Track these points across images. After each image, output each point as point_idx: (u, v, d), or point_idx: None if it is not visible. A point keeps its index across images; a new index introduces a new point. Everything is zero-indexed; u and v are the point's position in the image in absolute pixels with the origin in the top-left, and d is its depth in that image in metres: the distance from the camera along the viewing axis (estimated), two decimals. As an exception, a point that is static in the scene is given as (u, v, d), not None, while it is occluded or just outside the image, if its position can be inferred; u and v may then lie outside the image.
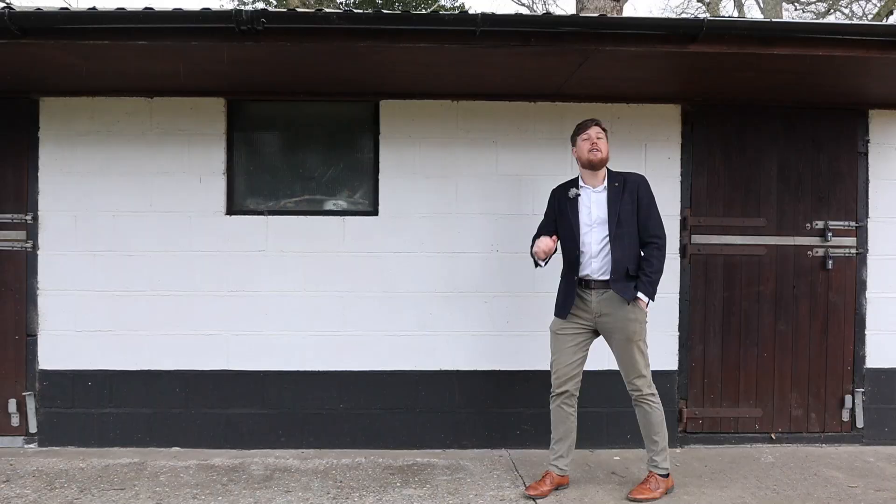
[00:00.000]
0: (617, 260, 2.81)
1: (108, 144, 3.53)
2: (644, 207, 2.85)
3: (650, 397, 2.89)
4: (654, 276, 2.81)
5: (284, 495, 2.95)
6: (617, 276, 2.81)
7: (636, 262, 2.85)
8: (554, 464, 2.99)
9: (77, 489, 3.00)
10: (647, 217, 2.85)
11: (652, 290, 2.82)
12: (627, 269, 2.81)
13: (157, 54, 2.81)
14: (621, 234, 2.81)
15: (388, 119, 3.55)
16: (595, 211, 2.87)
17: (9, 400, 3.53)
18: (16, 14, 2.51)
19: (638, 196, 2.85)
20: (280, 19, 2.52)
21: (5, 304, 3.54)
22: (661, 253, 2.84)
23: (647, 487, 2.89)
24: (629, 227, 2.83)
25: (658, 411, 2.90)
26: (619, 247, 2.81)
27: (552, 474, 2.98)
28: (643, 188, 2.87)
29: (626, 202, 2.83)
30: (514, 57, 2.84)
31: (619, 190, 2.85)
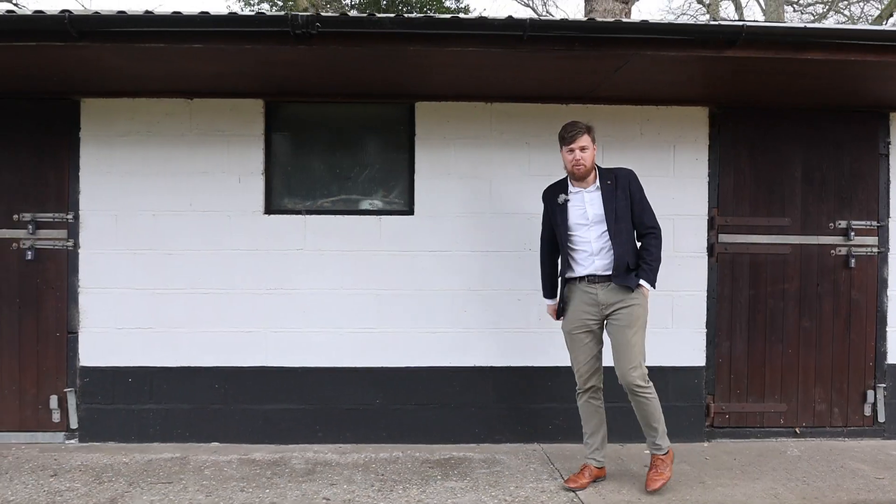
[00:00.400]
0: (619, 256, 2.88)
1: (149, 145, 3.59)
2: (637, 202, 2.92)
3: (646, 391, 2.91)
4: (654, 265, 2.91)
5: (330, 488, 3.02)
6: (618, 271, 2.88)
7: (635, 256, 2.93)
8: (591, 457, 3.08)
9: (125, 483, 3.07)
10: (642, 210, 2.92)
11: (653, 276, 2.91)
12: (628, 264, 2.89)
13: (209, 57, 2.87)
14: (620, 230, 2.88)
15: (423, 120, 3.62)
16: (591, 210, 2.92)
17: (50, 396, 3.59)
18: (76, 17, 2.57)
19: (630, 191, 2.91)
20: (334, 24, 2.59)
21: (47, 301, 3.59)
22: (658, 242, 2.93)
23: (659, 472, 2.96)
24: (625, 222, 2.90)
25: (654, 401, 2.94)
26: (619, 242, 2.88)
27: (590, 467, 3.06)
28: (634, 183, 2.93)
29: (620, 198, 2.89)
30: (555, 61, 2.92)
31: (612, 187, 2.91)
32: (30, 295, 3.59)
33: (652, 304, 3.64)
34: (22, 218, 3.57)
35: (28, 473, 3.17)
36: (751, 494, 2.97)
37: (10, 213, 3.58)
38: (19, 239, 3.58)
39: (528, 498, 2.92)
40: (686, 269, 3.67)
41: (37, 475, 3.14)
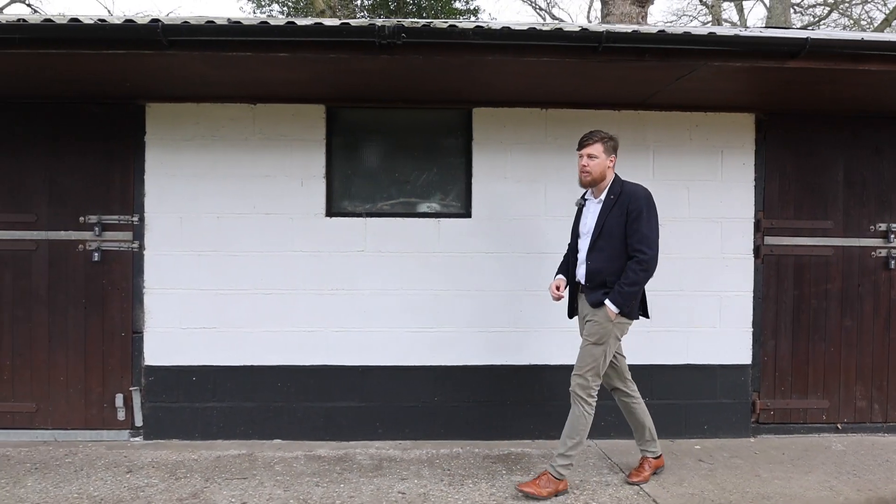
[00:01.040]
0: (592, 270, 2.90)
1: (213, 149, 3.67)
2: (632, 221, 2.84)
3: (581, 400, 2.92)
4: (626, 288, 2.80)
5: (401, 482, 3.12)
6: (592, 284, 2.91)
7: (617, 275, 2.86)
8: (643, 449, 3.21)
9: (201, 478, 3.15)
10: (632, 232, 2.84)
11: (622, 300, 2.81)
12: (605, 281, 2.88)
13: (290, 65, 2.96)
14: (602, 246, 2.89)
15: (480, 126, 3.73)
16: (588, 221, 2.99)
17: (116, 395, 3.66)
18: (168, 27, 2.65)
19: (627, 210, 2.85)
20: (419, 34, 2.69)
21: (112, 302, 3.67)
22: (640, 267, 2.81)
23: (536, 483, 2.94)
24: (613, 240, 2.87)
25: (584, 417, 2.91)
26: (598, 258, 2.90)
27: (649, 459, 3.18)
28: (634, 202, 2.85)
29: (614, 215, 2.87)
30: (622, 70, 3.03)
31: (611, 203, 2.90)
32: (95, 295, 3.66)
33: (700, 305, 3.79)
34: (88, 220, 3.65)
35: (103, 470, 3.24)
36: (807, 486, 3.10)
37: (77, 216, 3.65)
38: (85, 241, 3.65)
39: (596, 491, 3.03)
40: (733, 270, 3.79)
41: (112, 472, 3.22)
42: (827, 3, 16.64)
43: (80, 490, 2.99)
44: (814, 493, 3.03)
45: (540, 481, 2.95)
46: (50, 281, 3.65)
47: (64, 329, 3.66)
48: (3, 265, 3.64)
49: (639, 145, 3.77)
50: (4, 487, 3.01)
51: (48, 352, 3.66)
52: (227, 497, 2.93)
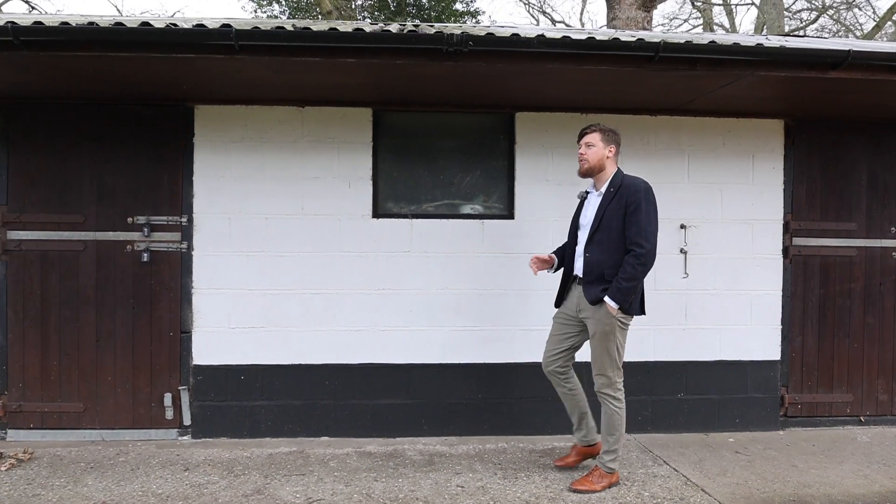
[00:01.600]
0: (589, 262, 2.92)
1: (261, 151, 3.72)
2: (630, 214, 2.84)
3: (609, 397, 2.97)
4: (624, 283, 2.79)
5: (457, 476, 3.21)
6: (590, 277, 2.92)
7: (616, 268, 2.86)
8: (575, 436, 3.27)
9: (260, 475, 3.21)
10: (630, 224, 2.84)
11: (621, 296, 2.81)
12: (604, 273, 2.88)
13: (353, 70, 3.03)
14: (600, 239, 2.89)
15: (523, 130, 3.83)
16: (588, 213, 3.01)
17: (164, 394, 3.69)
18: (242, 32, 2.71)
19: (626, 202, 2.85)
20: (485, 42, 2.78)
21: (160, 302, 3.70)
22: (637, 261, 2.80)
23: (590, 481, 3.01)
24: (611, 232, 2.87)
25: (616, 413, 2.96)
26: (596, 250, 2.90)
27: (577, 447, 3.26)
28: (633, 196, 2.85)
29: (612, 207, 2.88)
30: (669, 78, 3.16)
31: (611, 195, 2.91)
32: (143, 296, 3.69)
33: (732, 302, 3.94)
34: (136, 221, 3.67)
35: (159, 468, 3.28)
36: (843, 475, 3.26)
37: (125, 216, 3.68)
38: (133, 241, 3.68)
39: (645, 483, 3.15)
40: (763, 270, 3.95)
41: (169, 470, 3.26)
42: (813, 7, 17.11)
43: (142, 488, 3.03)
44: (850, 481, 3.19)
45: (592, 477, 3.04)
46: (98, 281, 3.67)
47: (112, 329, 3.69)
48: (51, 266, 3.66)
49: (674, 149, 3.91)
50: (66, 486, 3.04)
51: (95, 352, 3.68)
52: (291, 492, 2.99)
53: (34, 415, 3.67)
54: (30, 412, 3.67)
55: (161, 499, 2.91)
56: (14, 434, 3.67)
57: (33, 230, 3.65)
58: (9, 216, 3.64)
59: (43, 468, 3.26)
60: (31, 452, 3.43)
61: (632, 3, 9.66)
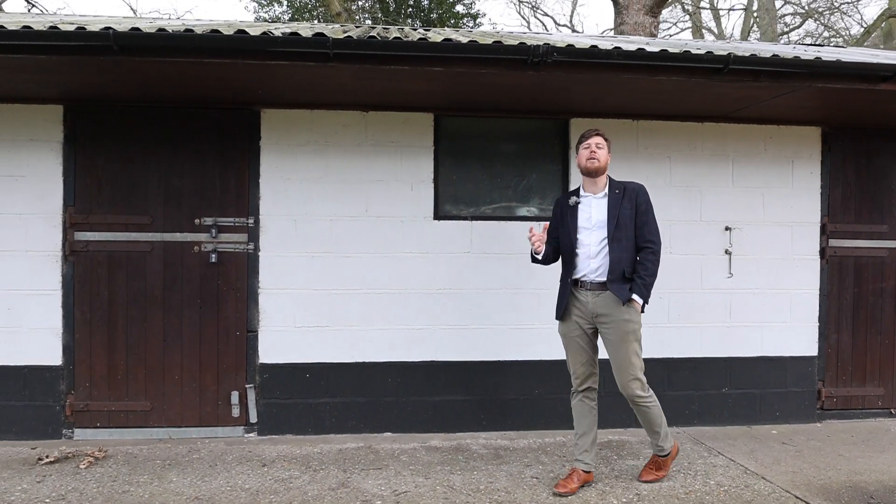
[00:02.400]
0: (614, 260, 2.93)
1: (326, 154, 3.81)
2: (641, 214, 2.96)
3: (646, 400, 2.98)
4: (648, 280, 2.91)
5: (527, 468, 3.35)
6: (614, 276, 2.93)
7: (632, 265, 2.96)
8: (579, 459, 3.08)
9: (338, 469, 3.30)
10: (644, 223, 2.95)
11: (646, 292, 2.92)
12: (624, 271, 2.93)
13: (432, 78, 3.15)
14: (619, 237, 2.94)
15: (577, 135, 3.96)
16: (595, 215, 3.00)
17: (231, 392, 3.76)
18: (338, 41, 2.81)
19: (636, 203, 2.96)
20: (568, 54, 2.92)
21: (227, 302, 3.77)
22: (655, 258, 2.94)
23: (656, 468, 3.16)
24: (627, 230, 2.95)
25: (655, 407, 3.02)
26: (617, 248, 2.93)
27: (578, 471, 3.05)
28: (641, 196, 2.98)
29: (625, 207, 2.96)
30: (732, 88, 3.33)
31: (619, 196, 2.98)
32: (210, 296, 3.75)
33: (773, 301, 4.14)
34: (204, 222, 3.74)
35: (237, 464, 3.36)
36: (889, 463, 3.47)
37: (192, 218, 3.74)
38: (201, 242, 3.74)
39: (708, 472, 3.32)
40: (802, 270, 4.15)
41: (247, 466, 3.34)
42: (798, 13, 17.62)
43: (228, 483, 3.10)
44: (896, 468, 3.41)
45: (652, 465, 3.18)
46: (165, 281, 3.73)
47: (179, 329, 3.74)
48: (118, 266, 3.70)
49: (719, 155, 4.09)
50: (152, 483, 3.10)
51: (162, 351, 3.74)
52: (375, 485, 3.10)
53: (101, 414, 3.71)
54: (96, 411, 3.71)
55: (251, 493, 2.99)
56: (81, 433, 3.70)
57: (100, 231, 3.69)
58: (76, 217, 3.68)
59: (121, 466, 3.31)
60: (106, 450, 3.48)
61: (639, 9, 9.90)
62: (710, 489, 3.09)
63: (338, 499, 2.93)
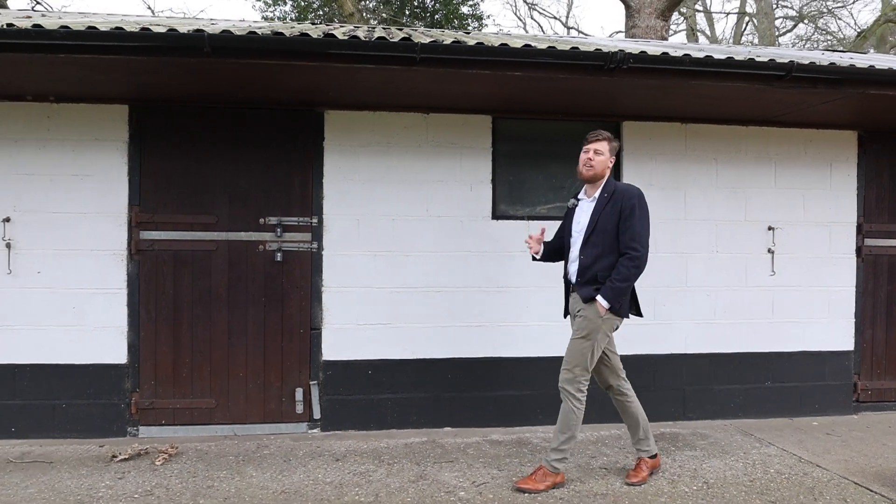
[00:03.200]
0: (583, 264, 2.97)
1: (388, 155, 3.89)
2: (625, 219, 2.90)
3: (569, 394, 2.99)
4: (617, 284, 2.86)
5: (592, 459, 3.47)
6: (583, 279, 2.97)
7: (608, 270, 2.92)
8: (639, 448, 3.20)
9: (410, 462, 3.38)
10: (624, 230, 2.89)
11: (612, 294, 2.87)
12: (597, 276, 2.93)
13: (506, 83, 3.24)
14: (595, 242, 2.94)
15: (629, 137, 4.10)
16: (582, 219, 3.05)
17: (295, 389, 3.82)
18: (426, 45, 2.89)
19: (621, 207, 2.91)
20: (642, 60, 3.04)
21: (291, 300, 3.83)
22: (631, 263, 2.87)
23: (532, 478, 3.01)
24: (606, 236, 2.92)
25: (574, 412, 2.97)
26: (590, 253, 2.95)
27: (645, 459, 3.18)
28: (627, 201, 2.91)
29: (607, 213, 2.93)
30: (787, 94, 3.47)
31: (605, 201, 2.96)
32: (274, 294, 3.81)
33: (812, 298, 4.30)
34: (268, 221, 3.79)
35: (310, 459, 3.42)
36: (931, 451, 3.65)
37: (257, 217, 3.79)
38: (265, 241, 3.80)
39: (765, 461, 3.46)
40: (839, 268, 4.33)
41: (321, 460, 3.41)
42: (789, 17, 18.05)
43: (309, 477, 3.17)
44: (938, 456, 3.59)
45: (536, 475, 3.02)
46: (229, 280, 3.78)
47: (243, 327, 3.79)
48: (183, 265, 3.74)
49: (762, 158, 4.24)
50: (233, 478, 3.15)
51: (227, 349, 3.79)
52: (452, 477, 3.18)
53: (166, 411, 3.75)
54: (162, 409, 3.74)
55: (334, 486, 3.06)
56: (146, 430, 3.74)
57: (166, 230, 3.73)
58: (141, 216, 3.71)
59: (195, 462, 3.36)
60: (177, 447, 3.52)
61: (651, 13, 10.09)
62: (772, 477, 3.24)
63: (421, 490, 3.02)
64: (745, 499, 2.96)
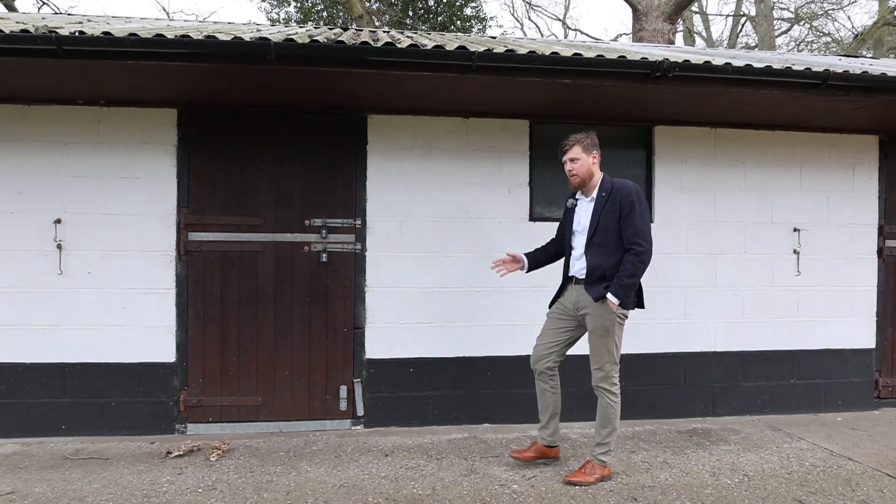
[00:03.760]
0: (591, 264, 3.04)
1: (429, 158, 3.99)
2: (625, 216, 2.95)
3: (605, 391, 3.07)
4: (625, 280, 2.92)
5: (634, 454, 3.58)
6: (591, 278, 3.04)
7: (615, 267, 2.98)
8: (539, 435, 3.32)
9: (458, 457, 3.48)
10: (626, 226, 2.95)
11: (622, 292, 2.93)
12: (605, 273, 2.99)
13: (552, 89, 3.35)
14: (599, 241, 3.01)
15: (661, 141, 4.22)
16: (583, 219, 3.12)
17: (339, 387, 3.91)
18: (483, 54, 2.99)
19: (620, 205, 2.97)
20: (687, 69, 3.16)
21: (335, 300, 3.91)
22: (636, 259, 2.92)
23: (585, 473, 3.10)
24: (609, 234, 2.99)
25: (612, 406, 3.06)
26: (597, 253, 3.02)
27: (538, 444, 3.31)
28: (626, 198, 2.97)
29: (608, 211, 3.00)
30: (818, 101, 3.60)
31: (604, 199, 3.03)
32: (319, 294, 3.90)
33: (836, 297, 4.43)
34: (313, 223, 3.88)
35: (359, 454, 3.51)
36: (955, 445, 3.80)
37: (302, 219, 3.87)
38: (310, 242, 3.88)
39: (798, 455, 3.59)
40: (861, 268, 4.47)
41: (371, 455, 3.50)
42: (784, 18, 18.30)
43: (365, 471, 3.26)
44: (962, 449, 3.73)
45: (585, 469, 3.12)
46: (276, 280, 3.86)
47: (289, 326, 3.88)
48: (231, 266, 3.82)
49: (788, 161, 4.38)
50: (289, 473, 3.24)
51: (273, 347, 3.87)
52: (502, 471, 3.28)
53: (213, 409, 3.83)
54: (209, 406, 3.82)
55: (390, 480, 3.15)
56: (193, 428, 3.81)
57: (214, 231, 3.81)
58: (190, 218, 3.78)
59: (249, 458, 3.44)
60: (228, 444, 3.60)
61: (658, 16, 10.24)
62: (808, 469, 3.37)
63: (474, 483, 3.12)
64: (786, 490, 3.09)
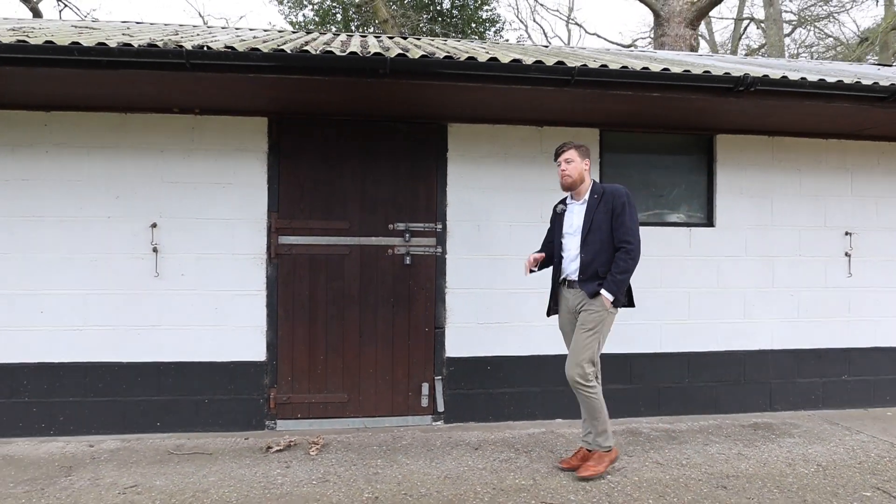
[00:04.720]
0: (585, 262, 3.15)
1: (506, 165, 4.16)
2: (616, 216, 3.10)
3: (586, 388, 3.13)
4: (618, 276, 3.06)
5: (706, 447, 3.77)
6: (585, 276, 3.16)
7: (607, 265, 3.11)
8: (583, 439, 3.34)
9: (544, 450, 3.66)
10: (618, 226, 3.09)
11: (615, 288, 3.07)
12: (597, 271, 3.12)
13: (635, 101, 3.54)
14: (592, 241, 3.13)
15: (722, 150, 4.43)
16: (575, 221, 3.23)
17: (421, 384, 4.08)
18: (581, 69, 3.18)
19: (612, 206, 3.11)
20: (766, 83, 3.36)
21: (417, 301, 4.08)
22: (628, 256, 3.06)
23: (593, 465, 3.20)
24: (601, 234, 3.12)
25: (592, 398, 3.15)
26: (590, 251, 3.13)
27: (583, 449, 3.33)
28: (618, 199, 3.12)
29: (600, 212, 3.13)
30: (880, 112, 3.81)
31: (596, 201, 3.16)
32: (402, 295, 4.06)
33: (885, 298, 4.65)
34: (397, 227, 4.04)
35: (449, 448, 3.68)
36: None
37: (386, 223, 4.04)
38: (394, 245, 4.05)
39: (862, 446, 3.81)
40: (906, 270, 4.71)
41: (461, 449, 3.67)
42: (788, 21, 18.64)
43: (461, 464, 3.43)
44: None
45: (591, 461, 3.21)
46: (361, 282, 4.02)
47: (373, 326, 4.04)
48: (319, 268, 3.98)
49: (840, 168, 4.60)
50: (391, 466, 3.40)
51: (358, 346, 4.03)
52: (589, 463, 3.47)
53: (301, 406, 3.99)
54: (297, 403, 3.98)
55: (491, 472, 3.32)
56: (283, 424, 3.97)
57: (302, 235, 3.96)
58: (280, 222, 3.94)
59: (346, 452, 3.60)
60: (322, 439, 3.76)
61: (680, 22, 10.47)
62: (875, 459, 3.58)
63: (570, 473, 3.30)
64: (861, 479, 3.30)
